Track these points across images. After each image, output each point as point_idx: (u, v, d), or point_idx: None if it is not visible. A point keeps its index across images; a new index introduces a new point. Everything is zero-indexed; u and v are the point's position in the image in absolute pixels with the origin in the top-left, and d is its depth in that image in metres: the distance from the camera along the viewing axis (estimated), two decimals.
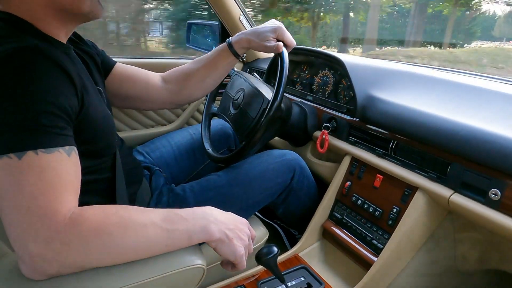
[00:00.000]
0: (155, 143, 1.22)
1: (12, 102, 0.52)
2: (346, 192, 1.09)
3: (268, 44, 0.98)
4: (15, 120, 0.51)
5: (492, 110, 0.90)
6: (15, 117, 0.51)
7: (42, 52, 0.56)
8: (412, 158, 0.94)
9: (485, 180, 0.76)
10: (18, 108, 0.52)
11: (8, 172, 0.50)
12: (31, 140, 0.52)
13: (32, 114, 0.52)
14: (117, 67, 0.99)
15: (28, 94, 0.53)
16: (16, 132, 0.51)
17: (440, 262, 0.99)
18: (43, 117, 0.53)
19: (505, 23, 19.56)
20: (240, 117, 1.09)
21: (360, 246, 1.01)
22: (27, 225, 0.49)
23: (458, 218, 0.93)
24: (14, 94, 0.52)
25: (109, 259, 0.54)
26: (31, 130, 0.52)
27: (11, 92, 0.52)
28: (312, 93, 1.33)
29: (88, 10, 0.67)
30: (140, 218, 0.57)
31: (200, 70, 1.05)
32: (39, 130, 0.52)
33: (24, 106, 0.52)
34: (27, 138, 0.51)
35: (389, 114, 0.99)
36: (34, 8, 0.63)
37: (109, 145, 0.75)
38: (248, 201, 1.02)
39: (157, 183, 1.03)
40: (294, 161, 1.11)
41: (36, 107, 0.53)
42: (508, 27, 19.33)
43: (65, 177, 0.54)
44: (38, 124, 0.52)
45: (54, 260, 0.50)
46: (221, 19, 1.55)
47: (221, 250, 0.64)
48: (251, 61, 1.72)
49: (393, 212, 0.95)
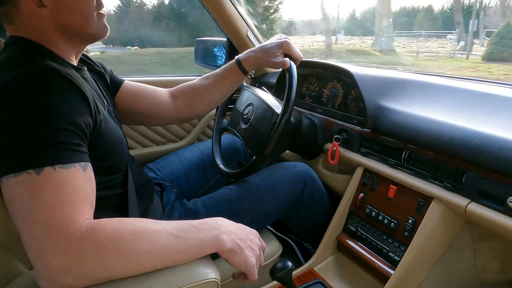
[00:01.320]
0: (165, 160, 1.23)
1: (31, 121, 0.54)
2: (359, 204, 1.07)
3: (276, 60, 1.00)
4: (33, 137, 0.54)
5: (504, 116, 0.88)
6: (34, 135, 0.54)
7: (59, 73, 0.59)
8: (426, 167, 0.92)
9: (502, 188, 0.75)
10: (37, 126, 0.54)
11: (26, 188, 0.52)
12: (49, 156, 0.54)
13: (50, 131, 0.55)
14: (125, 84, 1.02)
15: (46, 112, 0.55)
16: (34, 149, 0.53)
17: (459, 274, 0.96)
18: (60, 134, 0.55)
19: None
20: (250, 131, 1.10)
21: (376, 259, 0.99)
22: (45, 237, 0.50)
23: (476, 228, 0.91)
24: (33, 113, 0.55)
25: (124, 267, 0.55)
26: (49, 147, 0.54)
27: (30, 111, 0.55)
28: (322, 105, 1.34)
29: (94, 32, 0.73)
30: (153, 226, 0.59)
31: (209, 87, 1.07)
32: (56, 147, 0.55)
33: (42, 124, 0.55)
34: (46, 155, 0.54)
35: (400, 124, 0.98)
36: (45, 32, 0.68)
37: (121, 161, 0.76)
38: (259, 214, 1.01)
39: (168, 198, 1.03)
40: (305, 172, 1.11)
41: (53, 125, 0.55)
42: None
43: (81, 191, 0.56)
44: (56, 141, 0.55)
45: (71, 269, 0.51)
46: (229, 36, 1.58)
47: (232, 260, 0.64)
48: (260, 75, 1.74)
49: (409, 223, 0.93)
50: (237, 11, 1.50)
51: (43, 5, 0.65)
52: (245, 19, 1.54)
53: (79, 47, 0.76)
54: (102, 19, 0.74)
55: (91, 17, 0.71)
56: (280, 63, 1.00)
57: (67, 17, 0.69)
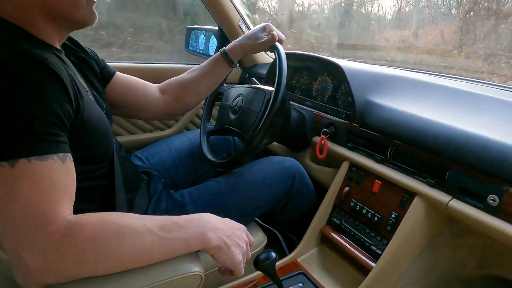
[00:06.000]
0: (154, 148, 1.22)
1: (4, 110, 0.51)
2: (344, 197, 1.09)
3: (262, 41, 1.04)
4: (6, 127, 0.50)
5: (489, 116, 0.90)
6: (6, 125, 0.51)
7: (35, 57, 0.55)
8: (411, 163, 0.94)
9: (483, 186, 0.76)
10: (10, 116, 0.51)
11: (0, 181, 0.49)
12: (23, 147, 0.51)
13: (24, 121, 0.51)
14: (117, 76, 1.01)
15: (20, 101, 0.52)
16: (8, 140, 0.50)
17: (439, 268, 0.99)
18: (35, 124, 0.52)
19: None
20: (243, 116, 1.09)
21: (359, 252, 1.01)
22: (22, 236, 0.48)
23: (456, 224, 0.93)
24: (6, 101, 0.51)
25: (106, 268, 0.54)
26: (24, 138, 0.51)
27: (2, 100, 0.51)
28: (311, 98, 1.34)
29: (81, 18, 0.68)
30: (137, 226, 0.56)
31: (195, 79, 1.09)
32: (31, 138, 0.51)
33: (16, 113, 0.51)
34: (20, 146, 0.50)
35: (387, 120, 0.99)
36: (27, 14, 0.63)
37: (106, 150, 0.74)
38: (247, 208, 1.02)
39: (155, 188, 1.02)
40: (294, 168, 1.11)
41: (28, 114, 0.52)
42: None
43: (60, 185, 0.53)
44: (31, 131, 0.51)
45: (50, 270, 0.49)
46: (220, 25, 1.56)
47: (219, 258, 0.63)
48: (249, 66, 1.73)
49: (392, 218, 0.94)
50: (230, 0, 1.48)
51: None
52: (237, 9, 1.53)
53: (62, 33, 0.71)
54: (92, 6, 0.69)
55: (80, 3, 0.66)
56: (266, 41, 1.04)
57: (54, 0, 0.64)
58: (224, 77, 1.13)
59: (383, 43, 4.61)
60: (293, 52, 1.40)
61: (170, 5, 3.34)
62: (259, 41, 1.04)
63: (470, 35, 3.66)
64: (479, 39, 3.55)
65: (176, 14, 3.38)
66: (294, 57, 1.40)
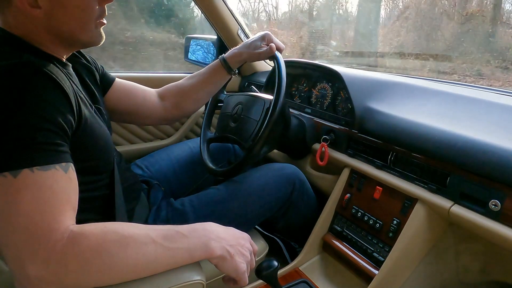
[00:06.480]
0: (154, 157, 1.22)
1: (6, 120, 0.51)
2: (345, 204, 1.08)
3: (260, 51, 1.04)
4: (9, 137, 0.50)
5: (489, 121, 0.90)
6: (9, 135, 0.50)
7: (37, 68, 0.56)
8: (411, 169, 0.94)
9: (484, 191, 0.76)
10: (12, 126, 0.51)
11: (3, 191, 0.49)
12: (26, 157, 0.51)
13: (27, 131, 0.51)
14: (117, 82, 1.01)
15: (22, 111, 0.52)
16: (10, 150, 0.50)
17: (442, 274, 0.98)
18: (38, 134, 0.52)
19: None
20: (243, 125, 1.09)
21: (361, 259, 1.00)
22: (24, 246, 0.48)
23: (458, 230, 0.93)
24: (8, 111, 0.51)
25: (109, 278, 0.53)
26: (26, 148, 0.51)
27: (5, 110, 0.51)
28: (311, 105, 1.34)
29: (87, 40, 0.70)
30: (141, 236, 0.55)
31: (195, 86, 1.09)
32: (34, 148, 0.51)
33: (18, 123, 0.51)
34: (22, 156, 0.50)
35: (387, 126, 0.99)
36: (33, 30, 0.64)
37: (106, 162, 0.74)
38: (247, 215, 1.01)
39: (155, 197, 1.02)
40: (294, 174, 1.11)
41: (31, 124, 0.52)
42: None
43: (62, 195, 0.53)
44: (33, 141, 0.51)
45: (53, 281, 0.49)
46: (219, 34, 1.57)
47: (222, 267, 0.63)
48: (249, 74, 1.73)
49: (393, 224, 0.94)
50: (228, 9, 1.49)
51: (38, 5, 0.61)
52: (236, 18, 1.54)
53: (68, 50, 0.72)
54: (100, 28, 0.70)
55: (88, 26, 0.67)
56: (265, 52, 1.04)
57: (61, 23, 0.65)
58: (223, 84, 1.13)
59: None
60: (292, 60, 1.41)
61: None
62: (258, 50, 1.05)
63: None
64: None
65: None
66: (293, 65, 1.41)
